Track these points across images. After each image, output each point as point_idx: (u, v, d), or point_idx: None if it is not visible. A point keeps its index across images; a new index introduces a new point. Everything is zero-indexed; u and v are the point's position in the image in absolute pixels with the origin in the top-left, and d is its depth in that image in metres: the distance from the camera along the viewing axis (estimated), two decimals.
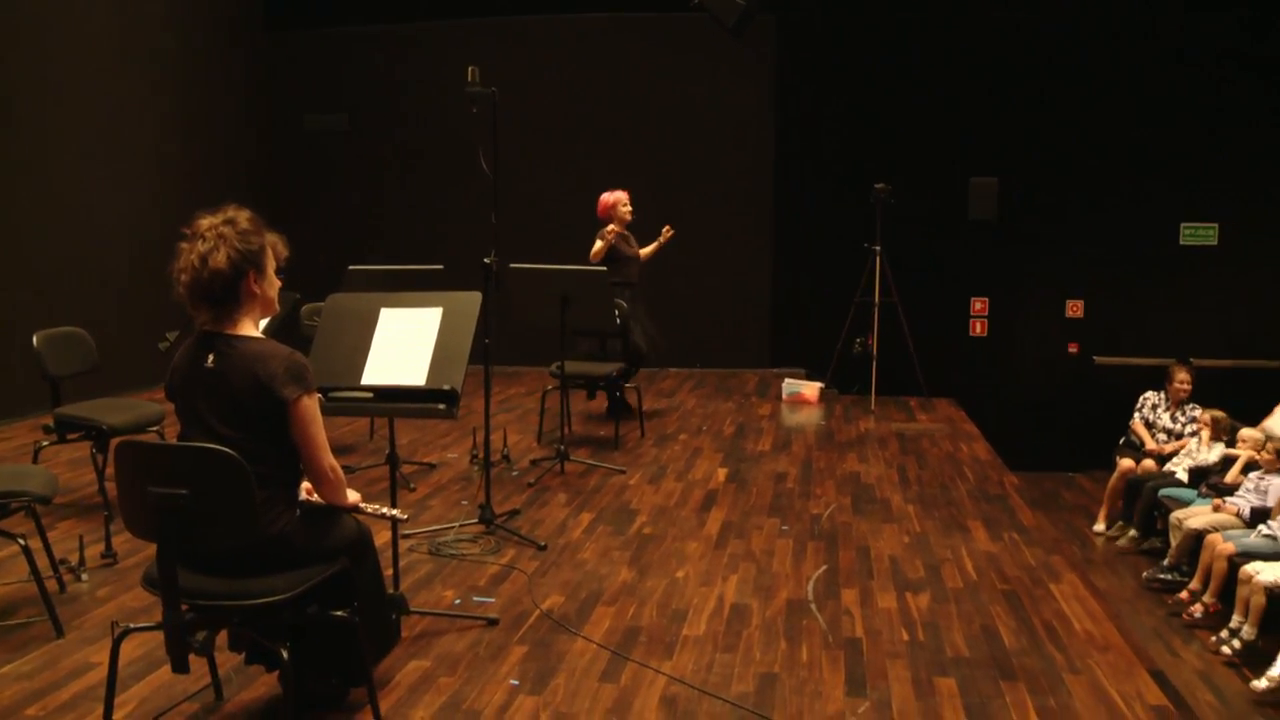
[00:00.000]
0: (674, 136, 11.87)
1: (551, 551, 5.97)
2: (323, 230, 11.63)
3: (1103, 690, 4.43)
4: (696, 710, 4.16)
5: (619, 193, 9.26)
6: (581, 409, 9.68)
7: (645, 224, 10.35)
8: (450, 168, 11.48)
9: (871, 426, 9.61)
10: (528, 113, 11.27)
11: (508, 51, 11.55)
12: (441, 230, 11.53)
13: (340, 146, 12.47)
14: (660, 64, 11.87)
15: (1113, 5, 11.30)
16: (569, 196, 11.70)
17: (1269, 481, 7.53)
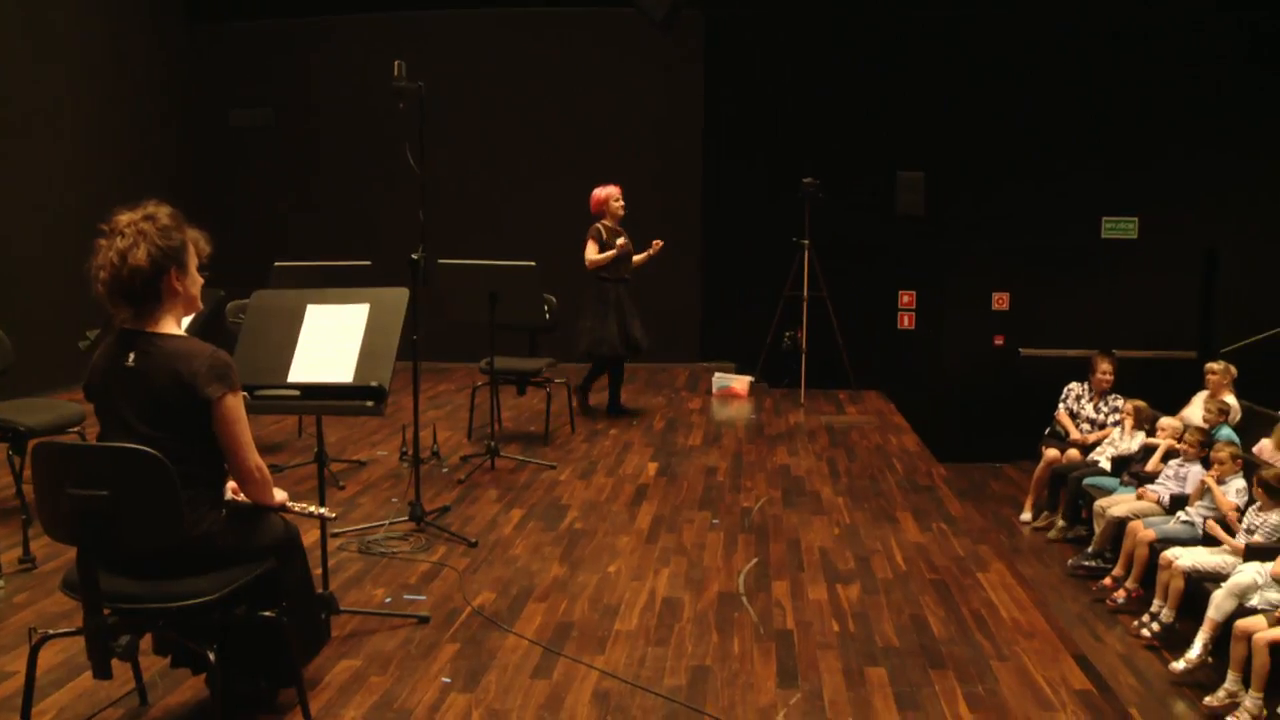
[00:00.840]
0: (602, 131, 11.84)
1: (482, 548, 5.94)
2: (248, 226, 11.45)
3: (1029, 676, 4.51)
4: (629, 705, 4.17)
5: (611, 187, 9.20)
6: (512, 405, 9.64)
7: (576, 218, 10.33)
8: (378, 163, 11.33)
9: (801, 419, 9.68)
10: (455, 108, 11.18)
11: (435, 46, 11.44)
12: (369, 226, 11.40)
13: (266, 142, 12.29)
14: (588, 59, 11.85)
15: (1037, 1, 11.46)
16: (497, 192, 11.69)
17: (1187, 469, 7.69)
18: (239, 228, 10.78)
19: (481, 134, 11.87)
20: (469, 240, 9.54)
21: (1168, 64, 11.58)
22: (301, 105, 12.24)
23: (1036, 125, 11.61)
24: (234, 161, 12.31)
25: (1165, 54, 11.59)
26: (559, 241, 11.11)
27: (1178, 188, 11.67)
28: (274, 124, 12.29)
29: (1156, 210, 11.77)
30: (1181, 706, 5.91)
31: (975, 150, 11.66)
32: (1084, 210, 11.81)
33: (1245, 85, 11.61)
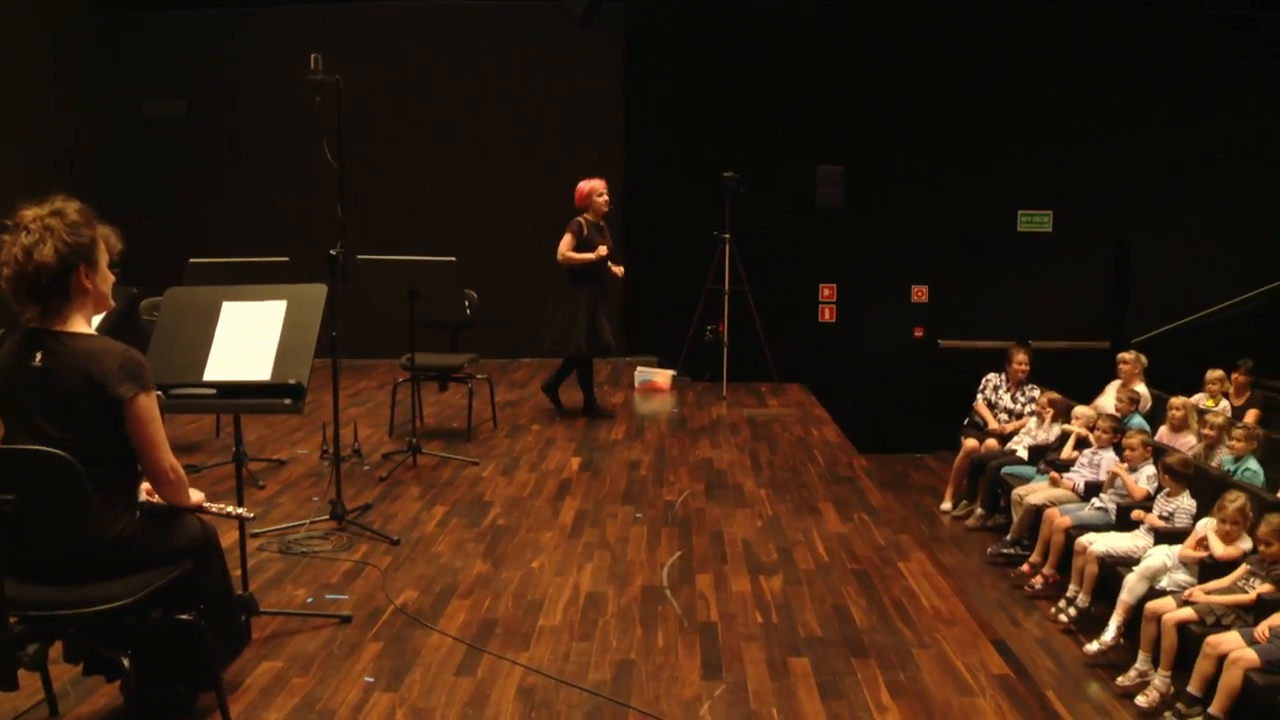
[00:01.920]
0: (523, 125, 11.79)
1: (405, 546, 5.90)
2: (161, 222, 11.20)
3: (949, 662, 4.58)
4: (554, 700, 4.16)
5: (596, 181, 9.05)
6: (434, 401, 9.57)
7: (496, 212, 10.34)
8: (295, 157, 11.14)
9: (723, 412, 9.72)
10: (374, 101, 11.07)
11: (353, 38, 11.31)
12: (287, 222, 11.22)
13: (180, 135, 12.05)
14: (509, 51, 11.78)
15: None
16: (418, 186, 11.59)
17: (1101, 456, 7.86)
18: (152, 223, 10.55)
19: (401, 128, 11.76)
20: (389, 236, 9.46)
21: (1081, 60, 11.82)
22: (217, 97, 12.02)
23: (954, 120, 11.78)
24: (147, 155, 12.05)
25: (1079, 51, 11.82)
26: (481, 237, 11.10)
27: (1091, 181, 11.92)
28: (188, 116, 12.05)
29: (1070, 204, 12.01)
30: (1096, 688, 6.05)
31: (894, 144, 11.80)
32: (1000, 204, 12.01)
33: (1155, 81, 11.88)
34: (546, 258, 10.16)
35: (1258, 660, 5.14)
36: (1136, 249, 12.05)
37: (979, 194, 11.91)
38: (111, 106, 12.00)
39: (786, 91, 11.71)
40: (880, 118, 11.75)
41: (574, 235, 8.79)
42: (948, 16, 11.69)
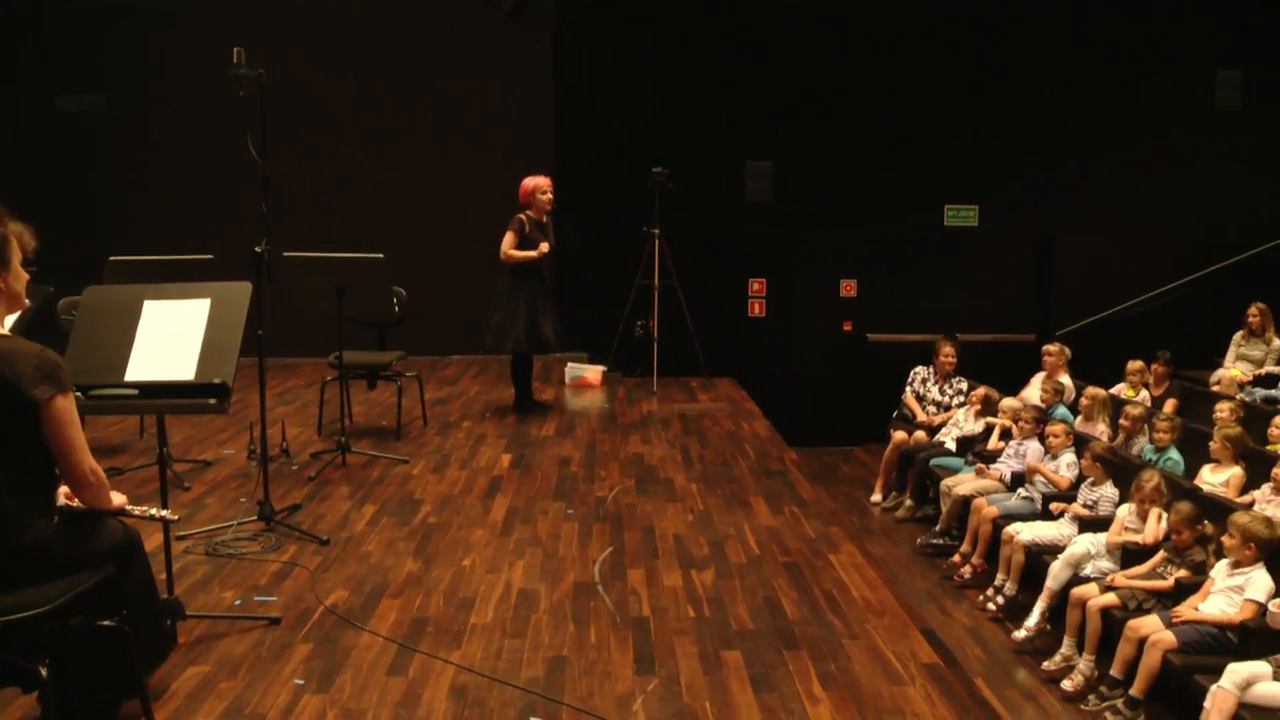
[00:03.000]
0: (452, 120, 11.70)
1: (335, 546, 5.84)
2: (80, 219, 10.97)
3: (879, 652, 4.63)
4: (487, 698, 4.14)
5: (540, 178, 8.96)
6: (363, 399, 9.48)
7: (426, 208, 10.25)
8: (219, 153, 11.00)
9: (654, 408, 9.74)
10: (299, 96, 10.91)
11: (278, 32, 11.13)
12: (211, 219, 11.02)
13: (98, 129, 11.78)
14: (437, 46, 11.68)
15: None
16: (345, 183, 11.46)
17: (1026, 446, 7.98)
18: (70, 220, 10.37)
19: (328, 123, 11.60)
20: (316, 233, 9.36)
21: (1006, 57, 11.99)
22: (137, 91, 11.74)
23: (882, 116, 11.89)
24: (62, 150, 11.76)
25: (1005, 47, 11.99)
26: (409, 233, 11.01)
27: (1016, 177, 12.10)
28: (107, 110, 11.78)
29: (996, 199, 12.17)
30: (1023, 674, 6.13)
31: (823, 140, 11.88)
32: (927, 199, 12.14)
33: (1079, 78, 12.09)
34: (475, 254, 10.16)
35: (1176, 642, 5.25)
36: (1060, 243, 12.25)
37: (906, 189, 12.03)
38: (23, 100, 11.68)
39: (715, 87, 11.75)
40: (808, 113, 11.82)
41: (516, 233, 8.74)
42: (875, 14, 11.80)
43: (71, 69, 11.72)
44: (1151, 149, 12.25)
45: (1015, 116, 12.03)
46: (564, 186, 11.16)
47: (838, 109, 11.84)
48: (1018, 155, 12.07)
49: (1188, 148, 12.28)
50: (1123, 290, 12.39)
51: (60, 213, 10.24)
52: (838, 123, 11.86)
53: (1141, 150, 12.24)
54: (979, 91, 11.99)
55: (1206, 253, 12.42)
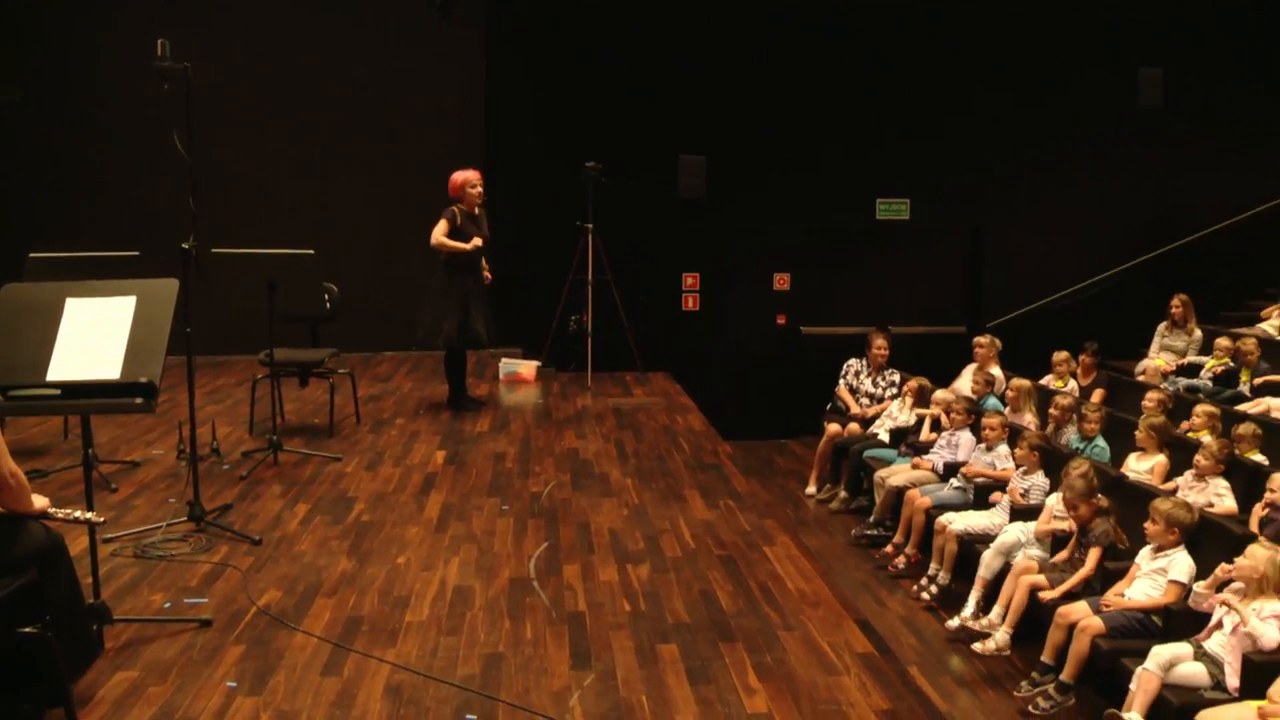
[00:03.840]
0: (384, 115, 11.58)
1: (267, 545, 5.77)
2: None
3: (815, 643, 4.66)
4: (423, 696, 4.12)
5: (469, 172, 8.89)
6: (295, 397, 9.37)
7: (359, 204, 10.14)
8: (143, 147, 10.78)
9: (589, 403, 9.73)
10: (228, 89, 10.76)
11: (203, 24, 10.93)
12: (136, 215, 10.81)
13: (16, 122, 11.46)
14: (368, 41, 11.55)
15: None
16: (275, 177, 11.30)
17: (958, 437, 8.07)
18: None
19: (257, 117, 11.42)
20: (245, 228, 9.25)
21: (936, 53, 12.11)
22: (57, 83, 11.45)
23: (814, 110, 11.96)
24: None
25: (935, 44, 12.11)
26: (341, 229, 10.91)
27: (946, 171, 12.23)
28: (25, 102, 11.47)
29: (927, 192, 12.30)
30: (957, 660, 6.21)
31: (755, 134, 11.92)
32: (859, 192, 12.23)
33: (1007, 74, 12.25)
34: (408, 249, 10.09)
35: (1104, 628, 5.36)
36: (990, 236, 12.41)
37: (839, 183, 12.11)
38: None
39: (648, 81, 11.74)
40: (741, 108, 11.86)
41: (448, 222, 8.67)
42: (807, 10, 11.86)
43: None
44: (1078, 145, 12.46)
45: (946, 112, 12.17)
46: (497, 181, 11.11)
47: (770, 104, 11.90)
48: (948, 150, 12.21)
49: (1113, 143, 12.50)
50: (1051, 283, 12.59)
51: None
52: (770, 117, 11.92)
53: (1068, 146, 12.43)
54: (910, 87, 12.11)
55: (1131, 246, 12.67)
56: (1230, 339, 9.74)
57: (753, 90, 11.84)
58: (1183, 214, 12.68)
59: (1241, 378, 9.21)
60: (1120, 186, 12.56)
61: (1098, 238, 12.63)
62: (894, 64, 12.06)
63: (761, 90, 11.85)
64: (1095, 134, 12.46)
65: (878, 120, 12.08)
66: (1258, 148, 12.71)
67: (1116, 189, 12.56)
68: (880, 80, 12.05)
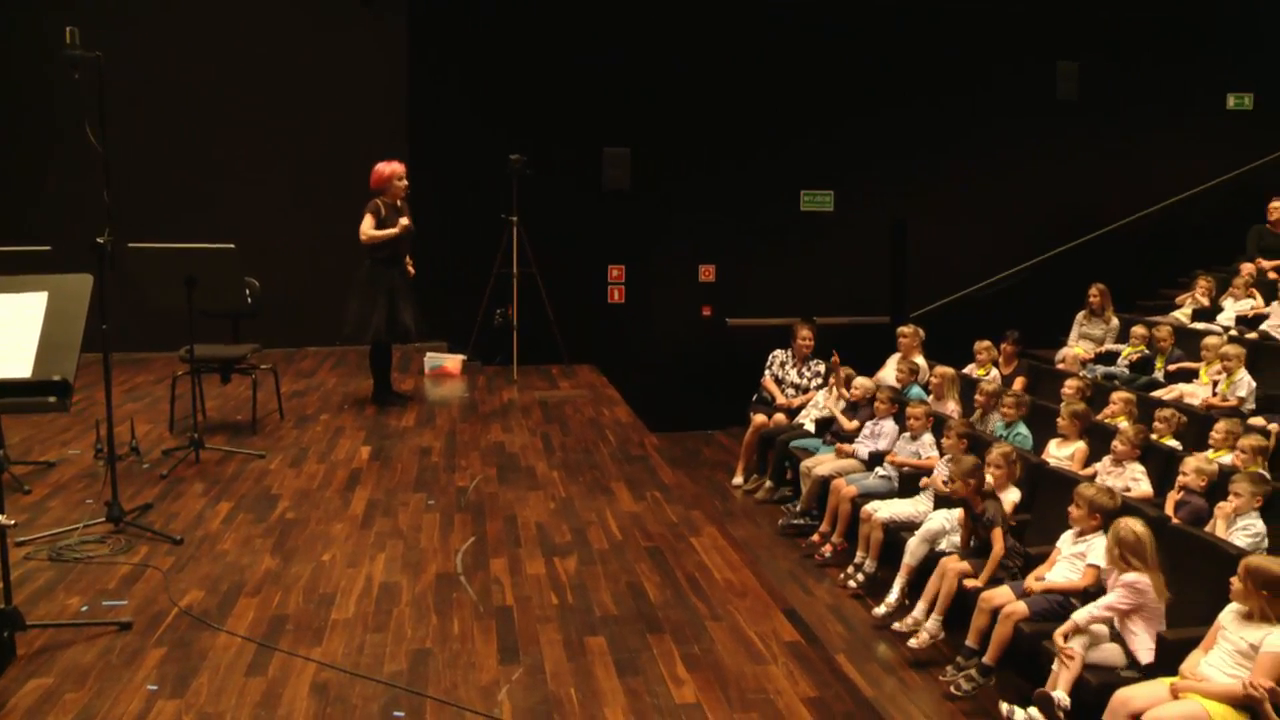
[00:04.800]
0: (305, 106, 11.38)
1: (189, 545, 5.68)
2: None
3: (742, 633, 4.69)
4: (349, 694, 4.08)
5: (394, 164, 8.78)
6: (216, 394, 9.22)
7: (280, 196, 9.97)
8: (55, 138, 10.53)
9: (515, 396, 9.69)
10: (145, 79, 10.55)
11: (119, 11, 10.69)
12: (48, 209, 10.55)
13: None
14: (289, 30, 11.35)
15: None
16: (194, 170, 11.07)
17: (882, 426, 8.16)
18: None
19: (175, 108, 11.14)
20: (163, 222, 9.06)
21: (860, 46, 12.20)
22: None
23: (738, 101, 11.98)
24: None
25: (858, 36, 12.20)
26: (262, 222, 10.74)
27: (870, 163, 12.33)
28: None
29: (850, 184, 12.39)
30: (884, 647, 6.27)
31: (680, 126, 11.93)
32: (784, 184, 12.29)
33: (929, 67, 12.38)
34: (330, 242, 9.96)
35: (1027, 612, 5.45)
36: (912, 228, 12.53)
37: (763, 174, 12.16)
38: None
39: (572, 74, 11.69)
40: (665, 100, 11.86)
41: (374, 215, 8.59)
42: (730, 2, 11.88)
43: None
44: (998, 137, 12.62)
45: (869, 104, 12.26)
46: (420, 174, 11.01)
47: (694, 96, 11.90)
48: (871, 142, 12.31)
49: (1032, 136, 12.69)
50: (973, 273, 12.75)
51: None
52: (695, 109, 11.93)
53: (989, 138, 12.59)
54: (833, 79, 12.18)
55: (1050, 236, 12.87)
56: (1146, 327, 9.94)
57: (677, 82, 11.84)
58: (1100, 205, 12.93)
59: (1156, 364, 9.41)
60: (1040, 178, 12.76)
61: (1018, 228, 12.82)
62: (817, 57, 12.13)
63: (685, 82, 11.85)
64: (1015, 126, 12.64)
65: (801, 112, 12.14)
66: (1171, 140, 13.00)
67: (1036, 180, 12.75)
68: (803, 72, 12.11)
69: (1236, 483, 5.94)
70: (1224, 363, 8.43)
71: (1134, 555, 5.08)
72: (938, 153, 12.48)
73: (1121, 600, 5.08)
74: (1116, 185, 12.94)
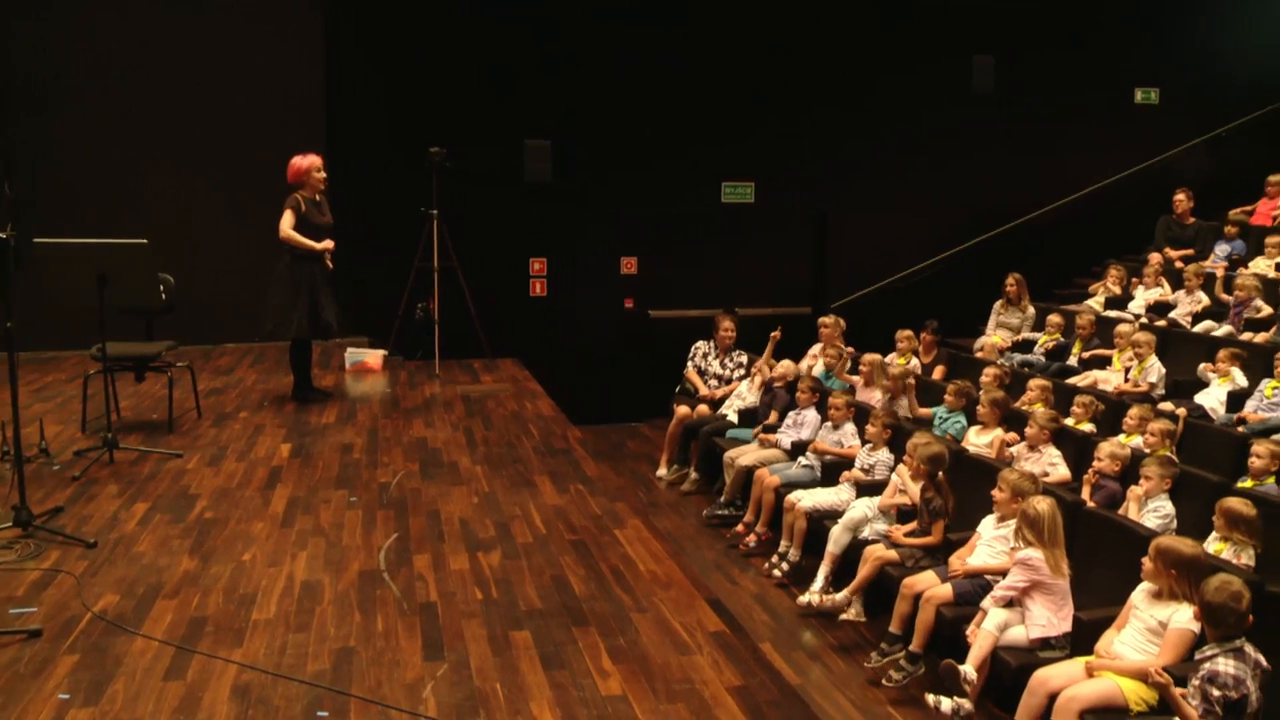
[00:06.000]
0: (220, 98, 11.13)
1: (103, 548, 5.55)
2: None
3: (667, 624, 4.70)
4: (271, 695, 4.02)
5: (312, 157, 8.64)
6: (131, 393, 9.04)
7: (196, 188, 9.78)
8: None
9: (437, 391, 9.62)
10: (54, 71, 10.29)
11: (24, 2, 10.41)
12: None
13: None
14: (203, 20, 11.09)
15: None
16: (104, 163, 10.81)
17: (804, 416, 8.21)
18: None
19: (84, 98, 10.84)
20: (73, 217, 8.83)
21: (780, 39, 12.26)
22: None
23: (659, 94, 11.98)
24: None
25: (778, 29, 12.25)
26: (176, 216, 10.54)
27: (790, 155, 12.40)
28: None
29: (772, 176, 12.45)
30: (809, 635, 6.33)
31: (602, 119, 11.90)
32: (705, 176, 12.32)
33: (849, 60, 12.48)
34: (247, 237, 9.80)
35: (951, 595, 5.55)
36: (833, 218, 12.64)
37: (685, 166, 12.17)
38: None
39: (492, 66, 11.60)
40: (586, 92, 11.82)
41: (294, 212, 8.46)
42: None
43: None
44: (917, 130, 12.77)
45: (789, 97, 12.33)
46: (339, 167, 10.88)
47: (616, 88, 11.88)
48: (792, 134, 12.38)
49: (950, 129, 12.86)
50: (893, 263, 12.90)
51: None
52: (616, 102, 11.90)
53: (907, 131, 12.74)
54: (754, 72, 12.23)
55: (968, 227, 13.07)
56: (1061, 315, 10.14)
57: (598, 75, 11.81)
58: (1016, 196, 13.14)
59: (1074, 350, 9.60)
60: (957, 170, 12.93)
61: (937, 220, 12.99)
62: (738, 49, 12.16)
63: (606, 75, 11.82)
64: (933, 120, 12.80)
65: (723, 104, 12.17)
66: (1083, 133, 13.26)
67: (954, 173, 12.92)
68: (724, 65, 12.14)
69: (1147, 466, 6.09)
70: (1135, 349, 8.63)
71: (1031, 531, 5.22)
72: (857, 145, 12.60)
73: (1017, 578, 5.21)
74: (1031, 177, 13.17)
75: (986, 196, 13.08)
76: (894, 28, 12.62)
